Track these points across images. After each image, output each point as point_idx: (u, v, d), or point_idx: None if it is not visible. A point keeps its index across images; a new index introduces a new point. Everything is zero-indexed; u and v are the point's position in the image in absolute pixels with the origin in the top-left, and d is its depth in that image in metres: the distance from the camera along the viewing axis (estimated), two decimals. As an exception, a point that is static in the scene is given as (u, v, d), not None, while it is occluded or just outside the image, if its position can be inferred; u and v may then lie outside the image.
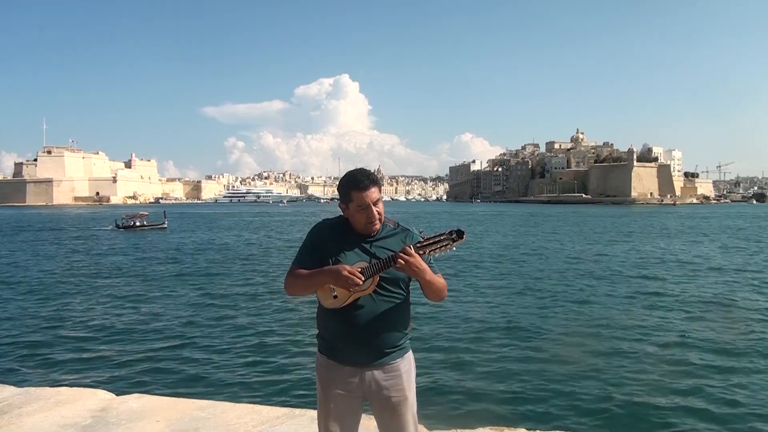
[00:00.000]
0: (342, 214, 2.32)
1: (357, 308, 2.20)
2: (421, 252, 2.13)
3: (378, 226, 2.26)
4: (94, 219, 62.23)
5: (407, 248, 2.12)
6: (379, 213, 2.23)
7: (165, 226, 44.45)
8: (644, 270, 18.90)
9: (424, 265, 2.14)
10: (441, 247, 2.14)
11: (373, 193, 2.20)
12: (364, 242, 2.25)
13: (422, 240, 2.17)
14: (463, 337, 9.48)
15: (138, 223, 44.02)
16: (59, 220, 60.38)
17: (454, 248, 2.16)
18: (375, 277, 2.17)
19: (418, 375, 2.41)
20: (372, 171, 2.29)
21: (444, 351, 8.58)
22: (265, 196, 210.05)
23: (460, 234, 2.13)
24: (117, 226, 43.95)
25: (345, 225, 2.30)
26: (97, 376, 7.49)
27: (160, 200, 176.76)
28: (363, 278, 2.12)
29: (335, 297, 2.20)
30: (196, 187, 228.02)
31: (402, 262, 2.09)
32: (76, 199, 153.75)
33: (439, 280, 2.25)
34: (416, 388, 2.37)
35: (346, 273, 2.09)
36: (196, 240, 33.65)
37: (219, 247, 28.40)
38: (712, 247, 28.13)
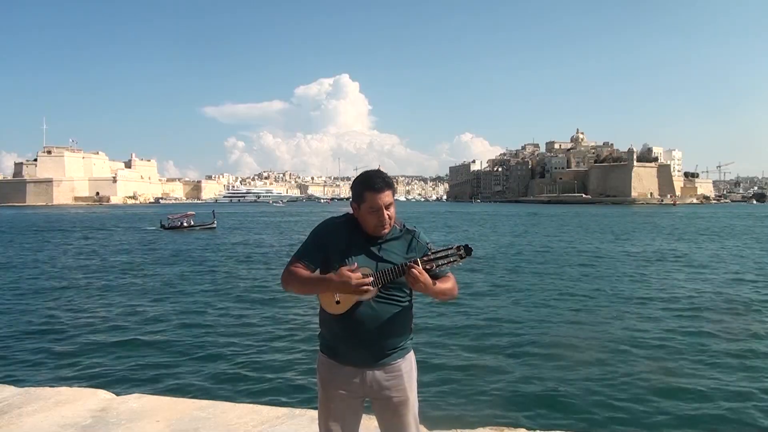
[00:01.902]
0: (349, 212, 2.31)
1: (360, 311, 2.20)
2: (427, 266, 2.14)
3: (387, 230, 2.25)
4: (142, 219, 61.44)
5: (415, 267, 2.11)
6: (389, 217, 2.22)
7: (214, 226, 43.48)
8: (646, 270, 18.89)
9: (429, 283, 2.14)
10: (448, 262, 2.15)
11: (386, 196, 2.20)
12: (371, 244, 2.24)
13: (429, 253, 2.18)
14: (463, 337, 9.48)
15: (185, 224, 43.24)
16: (104, 220, 59.49)
17: (461, 263, 2.17)
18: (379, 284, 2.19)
19: (419, 375, 2.41)
20: (387, 174, 2.28)
21: (445, 351, 8.57)
22: (265, 196, 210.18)
23: (468, 251, 2.15)
24: (162, 226, 43.18)
25: (352, 225, 2.27)
26: (97, 376, 7.49)
27: (160, 200, 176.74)
28: (372, 287, 2.12)
29: (338, 303, 2.20)
30: (196, 187, 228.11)
31: (412, 278, 2.11)
32: (76, 199, 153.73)
33: (444, 287, 2.25)
34: (417, 388, 2.36)
35: (356, 282, 2.09)
36: (225, 241, 33.66)
37: (218, 246, 28.41)
38: (716, 246, 28.13)
